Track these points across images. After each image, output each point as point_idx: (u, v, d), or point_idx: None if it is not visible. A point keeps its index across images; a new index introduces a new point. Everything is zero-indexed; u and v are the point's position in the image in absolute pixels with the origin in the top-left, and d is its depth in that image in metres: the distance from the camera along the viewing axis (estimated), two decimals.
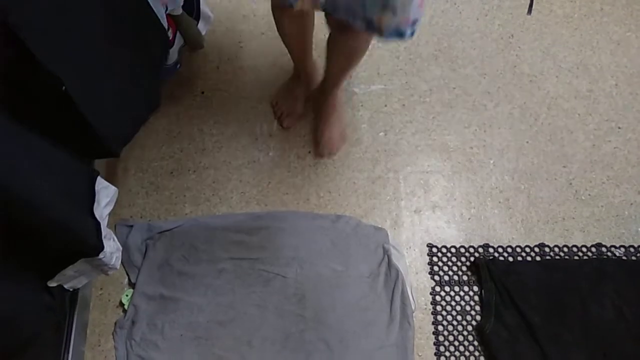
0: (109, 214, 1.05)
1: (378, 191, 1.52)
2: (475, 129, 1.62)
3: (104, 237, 0.99)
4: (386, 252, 1.41)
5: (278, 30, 1.33)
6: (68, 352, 1.22)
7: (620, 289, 1.39)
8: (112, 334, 1.32)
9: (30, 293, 1.05)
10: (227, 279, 1.38)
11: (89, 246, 0.96)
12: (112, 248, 1.02)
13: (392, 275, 1.38)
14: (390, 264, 1.39)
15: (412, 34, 1.00)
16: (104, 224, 1.01)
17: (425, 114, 1.63)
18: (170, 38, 1.26)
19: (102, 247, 0.98)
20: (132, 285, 1.37)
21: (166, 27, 1.17)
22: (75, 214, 0.94)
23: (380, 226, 1.46)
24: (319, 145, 1.54)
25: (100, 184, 1.05)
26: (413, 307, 1.36)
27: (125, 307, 1.34)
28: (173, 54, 1.32)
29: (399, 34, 0.99)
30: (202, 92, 1.62)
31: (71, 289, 1.08)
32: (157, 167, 1.52)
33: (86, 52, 0.92)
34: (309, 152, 1.56)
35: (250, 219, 1.46)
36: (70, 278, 1.03)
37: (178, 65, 1.40)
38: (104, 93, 1.00)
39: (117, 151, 1.13)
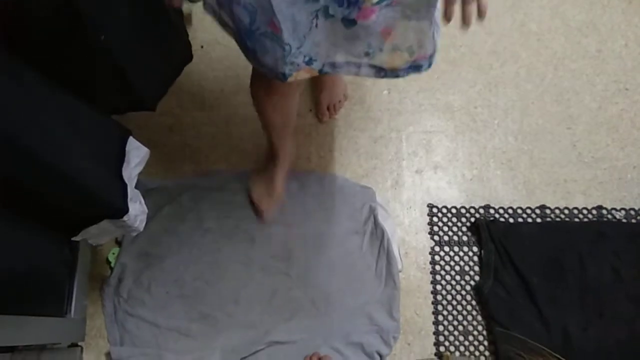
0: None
1: (380, 151, 1.50)
2: (480, 89, 1.59)
3: (130, 199, 0.98)
4: (372, 211, 1.41)
5: (258, 111, 1.13)
6: (71, 306, 1.23)
7: (619, 251, 1.39)
8: (100, 291, 1.33)
9: (53, 247, 1.06)
10: (212, 237, 1.38)
11: (114, 209, 0.95)
12: (137, 211, 1.00)
13: (377, 234, 1.38)
14: (376, 222, 1.39)
15: (430, 65, 0.91)
16: (131, 185, 1.00)
17: (430, 72, 1.54)
18: None
19: (126, 210, 0.96)
20: (118, 243, 1.37)
21: None
22: (101, 177, 0.93)
23: (378, 185, 1.46)
24: (320, 105, 1.50)
25: (132, 144, 1.03)
26: (400, 267, 1.37)
27: (112, 265, 1.34)
28: None
29: (416, 68, 0.91)
30: (202, 47, 1.58)
31: (94, 244, 1.08)
32: (155, 122, 1.49)
33: (123, 6, 0.90)
34: (310, 110, 1.53)
35: (236, 178, 1.44)
36: (94, 235, 1.02)
37: None
38: (141, 45, 0.97)
39: (154, 105, 1.11)
